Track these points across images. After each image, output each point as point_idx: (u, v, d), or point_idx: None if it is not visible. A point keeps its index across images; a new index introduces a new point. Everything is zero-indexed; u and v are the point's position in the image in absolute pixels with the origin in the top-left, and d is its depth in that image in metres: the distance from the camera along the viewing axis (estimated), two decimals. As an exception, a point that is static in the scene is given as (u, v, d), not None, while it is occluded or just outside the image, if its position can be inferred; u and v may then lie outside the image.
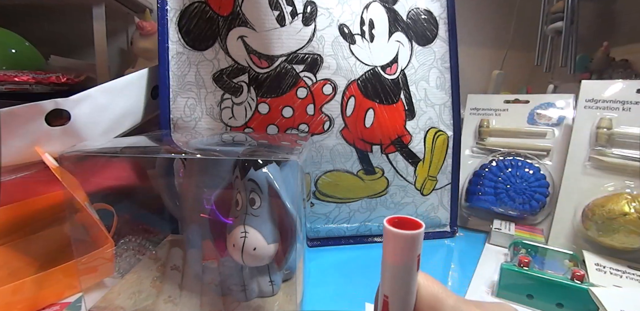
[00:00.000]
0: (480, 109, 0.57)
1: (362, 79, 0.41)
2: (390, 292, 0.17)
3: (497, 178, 0.50)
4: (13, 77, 0.44)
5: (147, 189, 0.44)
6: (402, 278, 0.16)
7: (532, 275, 0.33)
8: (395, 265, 0.16)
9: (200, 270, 0.35)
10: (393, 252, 0.16)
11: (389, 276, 0.17)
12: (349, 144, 0.42)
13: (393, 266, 0.16)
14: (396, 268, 0.16)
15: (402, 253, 0.16)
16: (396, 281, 0.16)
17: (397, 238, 0.15)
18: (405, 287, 0.17)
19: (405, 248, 0.16)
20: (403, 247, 0.16)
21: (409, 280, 0.16)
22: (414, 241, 0.15)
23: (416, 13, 0.46)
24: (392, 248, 0.16)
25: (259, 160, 0.29)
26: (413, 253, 0.16)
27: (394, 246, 0.16)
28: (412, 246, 0.15)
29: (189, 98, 0.41)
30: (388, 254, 0.16)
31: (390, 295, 0.17)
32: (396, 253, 0.16)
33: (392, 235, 0.15)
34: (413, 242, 0.15)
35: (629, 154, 0.43)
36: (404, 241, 0.15)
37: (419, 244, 0.15)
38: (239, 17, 0.39)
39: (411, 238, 0.15)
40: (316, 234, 0.46)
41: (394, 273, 0.16)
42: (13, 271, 0.35)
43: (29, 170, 0.37)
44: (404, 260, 0.16)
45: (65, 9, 0.74)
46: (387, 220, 0.16)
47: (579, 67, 0.72)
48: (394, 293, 0.17)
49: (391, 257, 0.16)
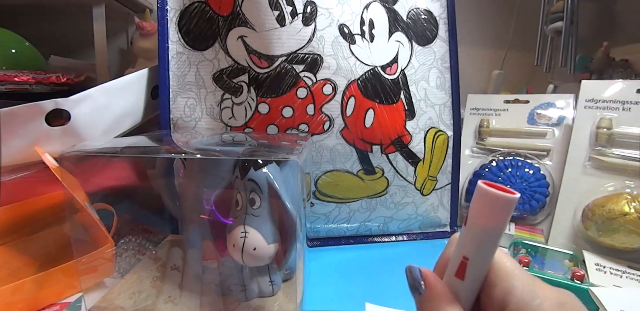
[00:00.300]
0: (480, 109, 0.57)
1: (362, 79, 0.41)
2: (472, 254, 0.16)
3: (497, 178, 0.50)
4: (13, 77, 0.44)
5: (147, 189, 0.44)
6: (489, 241, 0.16)
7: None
8: (487, 227, 0.16)
9: (200, 270, 0.35)
10: (489, 214, 0.15)
11: (475, 238, 0.16)
12: (349, 144, 0.42)
13: (484, 228, 0.16)
14: (487, 231, 0.16)
15: (499, 216, 0.15)
16: (482, 243, 0.16)
17: (498, 200, 0.15)
18: (489, 252, 0.16)
19: (503, 211, 0.15)
20: (501, 210, 0.15)
21: (494, 245, 0.16)
22: (512, 205, 0.15)
23: (416, 13, 0.46)
24: (489, 210, 0.15)
25: (259, 160, 0.29)
26: (508, 216, 0.15)
27: (492, 208, 0.15)
28: (509, 210, 0.15)
29: (189, 98, 0.41)
30: (481, 216, 0.16)
31: (471, 257, 0.16)
32: (491, 215, 0.15)
33: (492, 196, 0.15)
34: (511, 206, 0.15)
35: (629, 154, 0.43)
36: (504, 204, 0.15)
37: (512, 210, 0.15)
38: (239, 17, 0.39)
39: (511, 201, 0.15)
40: (316, 234, 0.46)
41: (483, 235, 0.16)
42: (13, 271, 0.35)
43: (29, 170, 0.37)
44: (498, 223, 0.15)
45: (65, 9, 0.74)
46: (483, 182, 0.16)
47: (579, 67, 0.72)
48: (477, 255, 0.16)
49: (484, 219, 0.16)
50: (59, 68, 0.61)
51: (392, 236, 0.48)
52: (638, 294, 0.32)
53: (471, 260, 0.16)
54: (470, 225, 0.16)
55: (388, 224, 0.47)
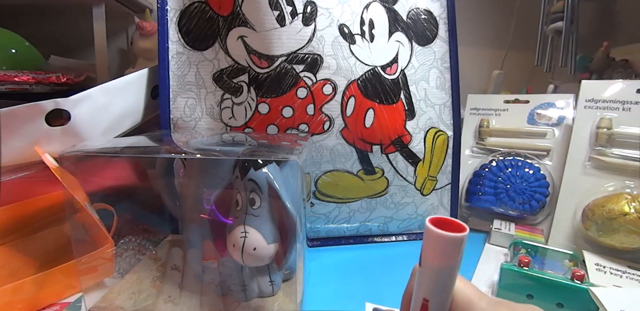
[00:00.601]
0: (480, 109, 0.57)
1: (362, 79, 0.41)
2: (431, 295, 0.16)
3: (497, 178, 0.50)
4: (13, 77, 0.44)
5: (147, 189, 0.44)
6: (445, 281, 0.16)
7: (532, 275, 0.33)
8: (439, 268, 0.16)
9: (200, 270, 0.35)
10: (439, 254, 0.15)
11: (430, 279, 0.16)
12: (349, 144, 0.42)
13: (437, 268, 0.16)
14: (440, 271, 0.16)
15: (449, 256, 0.15)
16: (439, 284, 0.16)
17: (445, 240, 0.15)
18: (447, 290, 0.16)
19: (452, 251, 0.15)
20: (451, 249, 0.15)
21: (451, 283, 0.16)
22: (462, 243, 0.15)
23: (416, 13, 0.46)
24: (438, 251, 0.15)
25: (259, 160, 0.29)
26: (459, 255, 0.15)
27: (441, 249, 0.15)
28: (459, 249, 0.15)
29: (189, 98, 0.41)
30: (432, 257, 0.16)
31: (430, 298, 0.16)
32: (442, 256, 0.15)
33: (439, 237, 0.15)
34: (461, 244, 0.15)
35: (629, 154, 0.43)
36: (452, 243, 0.15)
37: (463, 247, 0.15)
38: (239, 17, 0.39)
39: (460, 240, 0.15)
40: (316, 234, 0.46)
41: (437, 276, 0.16)
42: (13, 271, 0.35)
43: (29, 170, 0.37)
44: (450, 263, 0.15)
45: (65, 9, 0.74)
46: (430, 221, 0.15)
47: (579, 67, 0.72)
48: (435, 296, 0.16)
49: (435, 259, 0.16)
50: (59, 68, 0.60)
51: (392, 236, 0.48)
52: (638, 294, 0.32)
53: (431, 302, 0.16)
54: (424, 266, 0.16)
55: (388, 224, 0.47)
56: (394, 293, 0.35)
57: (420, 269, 0.16)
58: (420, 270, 0.16)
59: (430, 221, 0.15)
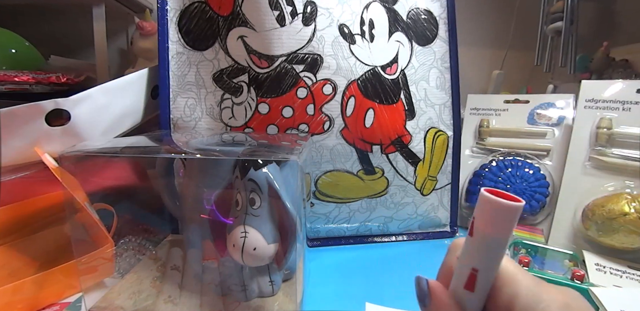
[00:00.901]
0: (480, 109, 0.57)
1: (362, 79, 0.41)
2: (481, 265, 0.16)
3: (497, 178, 0.50)
4: (13, 77, 0.44)
5: (147, 189, 0.44)
6: (497, 251, 0.16)
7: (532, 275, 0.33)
8: (494, 237, 0.15)
9: (200, 270, 0.35)
10: (494, 223, 0.15)
11: (483, 249, 0.16)
12: (349, 144, 0.42)
13: (492, 238, 0.15)
14: (494, 240, 0.16)
15: (505, 225, 0.15)
16: (491, 253, 0.16)
17: (504, 208, 0.15)
18: (498, 260, 0.16)
19: (510, 220, 0.15)
20: (508, 219, 0.15)
21: (503, 253, 0.16)
22: (518, 213, 0.15)
23: (416, 13, 0.46)
24: (495, 219, 0.15)
25: (259, 160, 0.29)
26: (514, 225, 0.15)
27: (498, 217, 0.15)
28: (515, 218, 0.15)
29: (189, 98, 0.41)
30: (487, 226, 0.15)
31: (480, 269, 0.16)
32: (498, 225, 0.15)
33: (497, 205, 0.15)
34: (517, 214, 0.15)
35: (629, 154, 0.43)
36: (510, 212, 0.15)
37: (517, 218, 0.15)
38: (239, 17, 0.39)
39: (517, 209, 0.15)
40: (316, 234, 0.46)
41: (490, 245, 0.16)
42: (13, 271, 0.35)
43: (29, 170, 0.37)
44: (505, 232, 0.15)
45: (65, 9, 0.74)
46: (485, 190, 0.15)
47: (579, 67, 0.72)
48: (486, 266, 0.16)
49: (490, 228, 0.15)
50: (59, 68, 0.60)
51: (392, 236, 0.48)
52: (638, 294, 0.32)
53: (480, 271, 0.16)
54: (477, 236, 0.16)
55: (388, 224, 0.47)
56: (394, 293, 0.35)
57: (471, 239, 0.16)
58: (471, 239, 0.16)
59: (485, 190, 0.15)
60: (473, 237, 0.16)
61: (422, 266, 0.41)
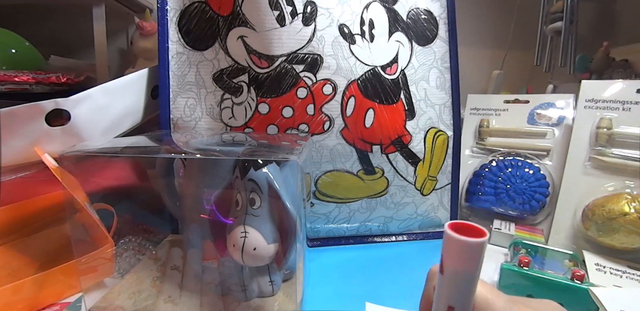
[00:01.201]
0: (480, 109, 0.57)
1: (362, 79, 0.41)
2: (456, 302, 0.16)
3: (497, 178, 0.50)
4: (13, 77, 0.44)
5: (147, 189, 0.44)
6: (468, 286, 0.16)
7: (532, 275, 0.33)
8: (463, 274, 0.16)
9: (200, 270, 0.35)
10: (461, 261, 0.15)
11: (454, 286, 0.16)
12: (349, 144, 0.42)
13: (461, 275, 0.16)
14: (464, 277, 0.16)
15: (472, 261, 0.15)
16: (463, 290, 0.16)
17: (468, 246, 0.15)
18: (471, 295, 0.16)
19: (475, 256, 0.15)
20: (474, 255, 0.15)
21: (474, 287, 0.16)
22: (483, 247, 0.15)
23: (416, 13, 0.46)
24: (461, 257, 0.15)
25: (259, 160, 0.29)
26: (481, 260, 0.15)
27: (464, 255, 0.15)
28: (481, 253, 0.15)
29: (189, 98, 0.41)
30: (454, 264, 0.16)
31: (456, 306, 0.16)
32: (465, 262, 0.15)
33: (461, 243, 0.15)
34: (482, 249, 0.15)
35: (629, 154, 0.43)
36: (475, 248, 0.15)
37: (484, 251, 0.15)
38: (239, 17, 0.39)
39: (481, 245, 0.15)
40: (316, 234, 0.46)
41: (461, 282, 0.16)
42: (13, 271, 0.35)
43: (29, 170, 0.37)
44: (473, 268, 0.15)
45: (65, 9, 0.74)
46: (449, 226, 0.16)
47: (579, 67, 0.72)
48: (460, 302, 0.16)
49: (458, 266, 0.16)
50: (59, 68, 0.60)
51: (392, 236, 0.48)
52: (638, 294, 0.32)
53: (457, 308, 0.16)
54: (447, 273, 0.16)
55: (388, 224, 0.47)
56: (394, 293, 0.35)
57: (443, 276, 0.16)
58: (443, 277, 0.16)
59: (449, 226, 0.16)
60: (444, 275, 0.16)
61: (422, 266, 0.41)
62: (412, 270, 0.40)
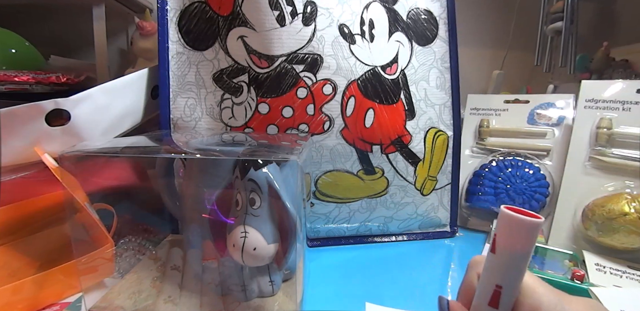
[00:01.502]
0: (480, 109, 0.57)
1: (362, 79, 0.41)
2: (505, 282, 0.16)
3: (497, 178, 0.50)
4: (13, 77, 0.44)
5: (147, 189, 0.44)
6: (520, 266, 0.16)
7: (532, 275, 0.33)
8: (517, 253, 0.16)
9: (200, 270, 0.35)
10: (517, 240, 0.16)
11: (506, 266, 0.16)
12: (349, 144, 0.42)
13: (514, 254, 0.16)
14: (517, 256, 0.16)
15: (527, 241, 0.16)
16: (514, 269, 0.16)
17: (526, 225, 0.15)
18: (521, 276, 0.16)
19: (531, 236, 0.15)
20: (529, 235, 0.15)
21: (525, 268, 0.16)
22: (539, 228, 0.15)
23: (416, 13, 0.46)
24: (517, 236, 0.16)
25: (259, 160, 0.29)
26: (535, 240, 0.16)
27: (520, 234, 0.15)
28: (536, 234, 0.15)
29: (189, 98, 0.41)
30: (509, 243, 0.16)
31: (504, 285, 0.16)
32: (520, 241, 0.16)
33: (519, 223, 0.15)
34: (538, 229, 0.15)
35: (629, 154, 0.43)
36: (531, 228, 0.15)
37: (538, 233, 0.16)
38: (239, 17, 0.39)
39: (538, 225, 0.15)
40: (316, 234, 0.46)
41: (513, 261, 0.16)
42: (13, 271, 0.35)
43: (29, 170, 0.37)
44: (527, 248, 0.16)
45: (65, 9, 0.74)
46: (506, 207, 0.16)
47: (579, 67, 0.72)
48: (509, 282, 0.16)
49: (513, 245, 0.16)
50: (59, 68, 0.60)
51: (392, 236, 0.48)
52: (638, 294, 0.32)
53: (505, 288, 0.16)
54: (499, 253, 0.16)
55: (388, 224, 0.47)
56: (394, 293, 0.35)
57: (494, 256, 0.16)
58: (494, 256, 0.16)
59: (505, 208, 0.16)
60: (496, 254, 0.16)
61: (422, 266, 0.41)
62: (412, 270, 0.40)
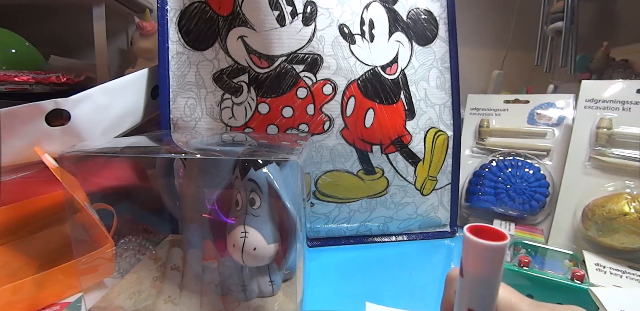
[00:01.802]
0: (480, 109, 0.57)
1: (362, 79, 0.41)
2: (476, 305, 0.16)
3: (497, 178, 0.50)
4: (13, 77, 0.44)
5: (147, 189, 0.44)
6: (490, 289, 0.16)
7: (532, 275, 0.33)
8: (484, 277, 0.16)
9: (200, 270, 0.35)
10: (482, 264, 0.15)
11: (475, 289, 0.16)
12: (349, 144, 0.42)
13: (482, 278, 0.16)
14: (485, 280, 0.16)
15: (493, 264, 0.15)
16: (484, 293, 0.16)
17: (489, 249, 0.15)
18: (493, 298, 0.16)
19: (496, 259, 0.15)
20: (495, 258, 0.15)
21: (496, 290, 0.16)
22: (504, 251, 0.15)
23: (416, 13, 0.46)
24: (481, 260, 0.15)
25: (259, 160, 0.29)
26: (502, 262, 0.15)
27: (484, 258, 0.15)
28: (502, 256, 0.15)
29: (189, 98, 0.41)
30: (475, 267, 0.16)
31: (477, 309, 0.16)
32: (486, 265, 0.15)
33: (481, 247, 0.15)
34: (503, 252, 0.15)
35: (629, 154, 0.43)
36: (495, 252, 0.15)
37: (504, 254, 0.15)
38: (239, 17, 0.39)
39: (502, 248, 0.15)
40: (316, 234, 0.46)
41: (482, 285, 0.16)
42: (13, 271, 0.35)
43: (29, 170, 0.37)
44: (494, 271, 0.15)
45: (65, 9, 0.74)
46: (468, 230, 0.15)
47: (579, 67, 0.72)
48: (481, 305, 0.16)
49: (479, 269, 0.15)
50: (59, 68, 0.60)
51: (392, 236, 0.48)
52: (638, 294, 0.32)
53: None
54: (467, 277, 0.16)
55: (388, 224, 0.47)
56: (394, 293, 0.35)
57: (463, 279, 0.16)
58: (463, 280, 0.16)
59: (468, 230, 0.15)
60: (464, 278, 0.16)
61: (422, 266, 0.41)
62: (412, 270, 0.40)
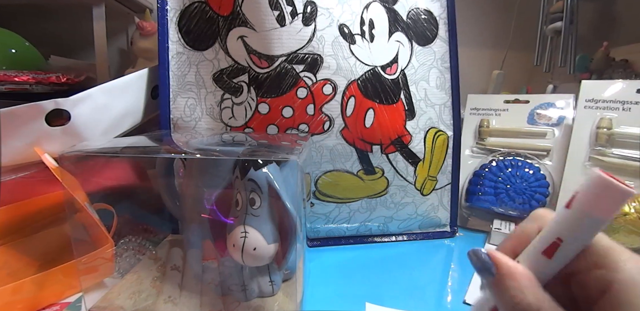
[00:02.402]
0: (480, 109, 0.57)
1: (362, 79, 0.41)
2: (569, 237, 0.16)
3: (497, 178, 0.50)
4: (13, 77, 0.44)
5: (147, 189, 0.44)
6: (592, 229, 0.16)
7: (532, 275, 0.33)
8: (595, 216, 0.15)
9: (200, 270, 0.35)
10: (602, 204, 0.15)
11: (577, 224, 0.16)
12: (349, 144, 0.42)
13: (591, 216, 0.15)
14: (593, 220, 0.16)
15: (612, 208, 0.15)
16: (584, 230, 0.16)
17: (617, 192, 0.15)
18: (589, 238, 0.16)
19: (618, 203, 0.15)
20: (616, 202, 0.15)
21: (597, 232, 0.16)
22: (628, 198, 0.15)
23: (416, 13, 0.46)
24: (604, 200, 0.15)
25: (259, 160, 0.29)
26: (619, 209, 0.16)
27: (607, 199, 0.15)
28: (623, 204, 0.15)
29: (189, 98, 0.41)
30: (592, 205, 0.15)
31: (566, 240, 0.16)
32: (605, 206, 0.15)
33: (612, 188, 0.15)
34: (626, 200, 0.15)
35: (629, 154, 0.43)
36: (622, 197, 0.15)
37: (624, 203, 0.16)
38: (239, 17, 0.39)
39: (629, 195, 0.15)
40: (316, 234, 0.46)
41: (587, 223, 0.16)
42: (13, 271, 0.35)
43: (29, 170, 0.37)
44: (608, 214, 0.15)
45: (65, 9, 0.74)
46: (602, 171, 0.15)
47: (579, 67, 0.72)
48: (573, 239, 0.16)
49: (595, 208, 0.15)
50: (59, 68, 0.60)
51: (392, 236, 0.48)
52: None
53: (565, 243, 0.16)
54: (575, 210, 0.16)
55: (388, 224, 0.47)
56: (394, 293, 0.35)
57: (567, 211, 0.16)
58: (567, 212, 0.16)
59: (601, 171, 0.15)
60: (570, 210, 0.16)
61: (422, 266, 0.41)
62: (412, 270, 0.40)
